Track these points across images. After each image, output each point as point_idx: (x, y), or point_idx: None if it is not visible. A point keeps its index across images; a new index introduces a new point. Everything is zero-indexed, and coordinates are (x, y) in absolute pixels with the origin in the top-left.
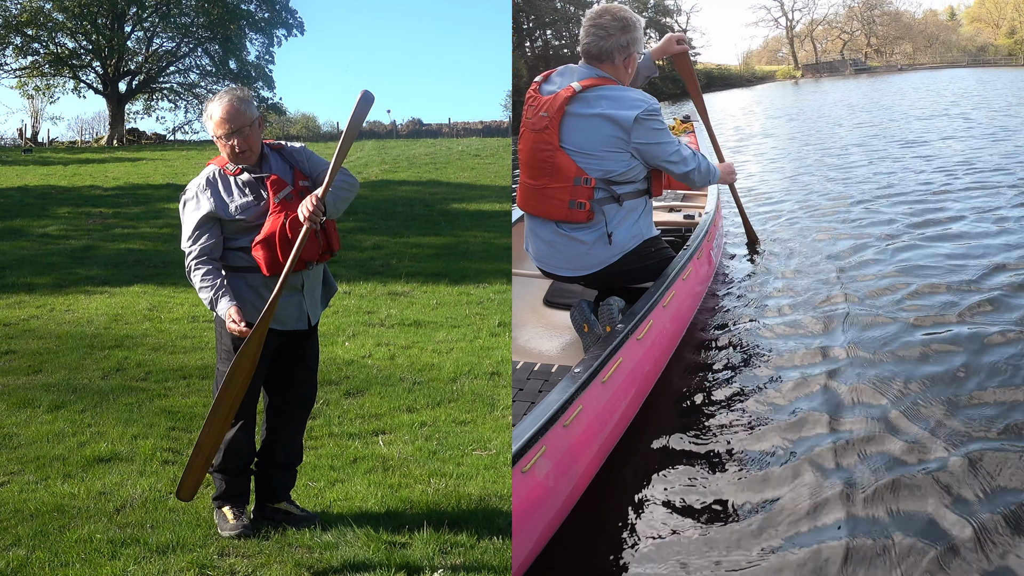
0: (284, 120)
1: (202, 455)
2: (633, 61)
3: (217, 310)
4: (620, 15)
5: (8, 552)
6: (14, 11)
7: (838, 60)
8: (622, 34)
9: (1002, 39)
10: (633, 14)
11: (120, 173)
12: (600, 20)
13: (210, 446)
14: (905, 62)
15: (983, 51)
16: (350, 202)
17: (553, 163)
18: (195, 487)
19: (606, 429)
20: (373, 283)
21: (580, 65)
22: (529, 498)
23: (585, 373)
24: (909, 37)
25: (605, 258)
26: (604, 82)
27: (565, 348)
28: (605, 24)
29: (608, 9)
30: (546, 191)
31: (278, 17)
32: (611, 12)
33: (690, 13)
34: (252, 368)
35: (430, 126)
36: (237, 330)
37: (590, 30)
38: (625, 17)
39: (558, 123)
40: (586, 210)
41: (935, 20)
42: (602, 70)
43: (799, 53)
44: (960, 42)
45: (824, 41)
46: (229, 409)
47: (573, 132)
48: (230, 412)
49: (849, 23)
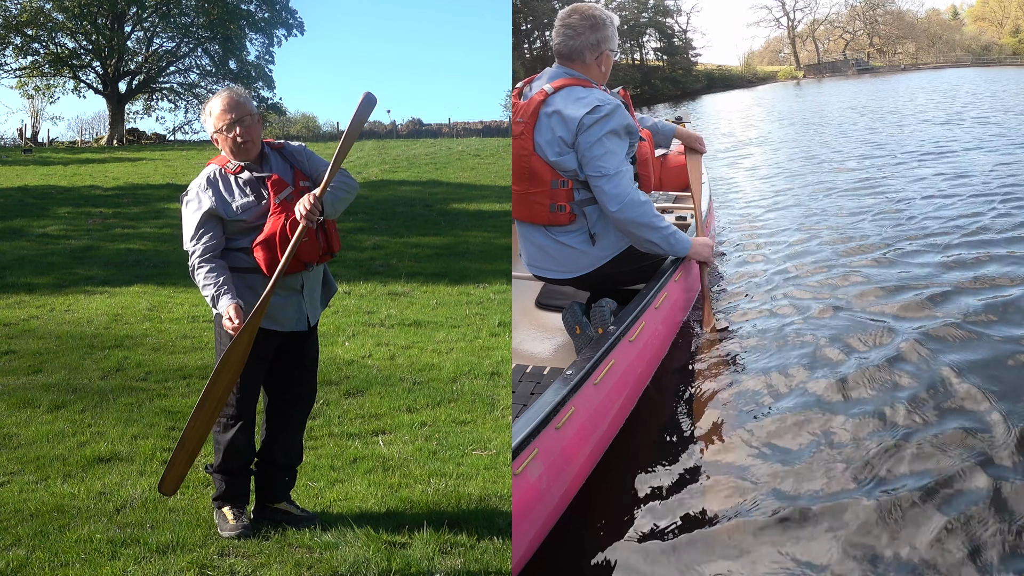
0: (284, 120)
1: (186, 449)
2: (606, 59)
3: (217, 307)
4: (589, 13)
5: (8, 552)
6: (14, 11)
7: (840, 60)
8: (591, 32)
9: (1006, 38)
10: (603, 12)
11: (120, 173)
12: (569, 20)
13: (195, 440)
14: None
15: (987, 50)
16: (348, 204)
17: (531, 168)
18: (178, 481)
19: (598, 431)
20: (373, 283)
21: (554, 67)
22: (523, 500)
23: (577, 375)
24: (912, 37)
25: (595, 260)
26: (575, 82)
27: (557, 350)
28: (574, 23)
29: (577, 8)
30: (528, 196)
31: (278, 17)
32: (579, 11)
33: (690, 13)
34: (241, 364)
35: (430, 126)
36: (231, 327)
37: (560, 30)
38: (594, 15)
39: (532, 128)
40: (567, 212)
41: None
42: (574, 70)
43: (801, 53)
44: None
45: (826, 41)
46: (216, 404)
47: (541, 134)
48: (217, 407)
49: (851, 23)
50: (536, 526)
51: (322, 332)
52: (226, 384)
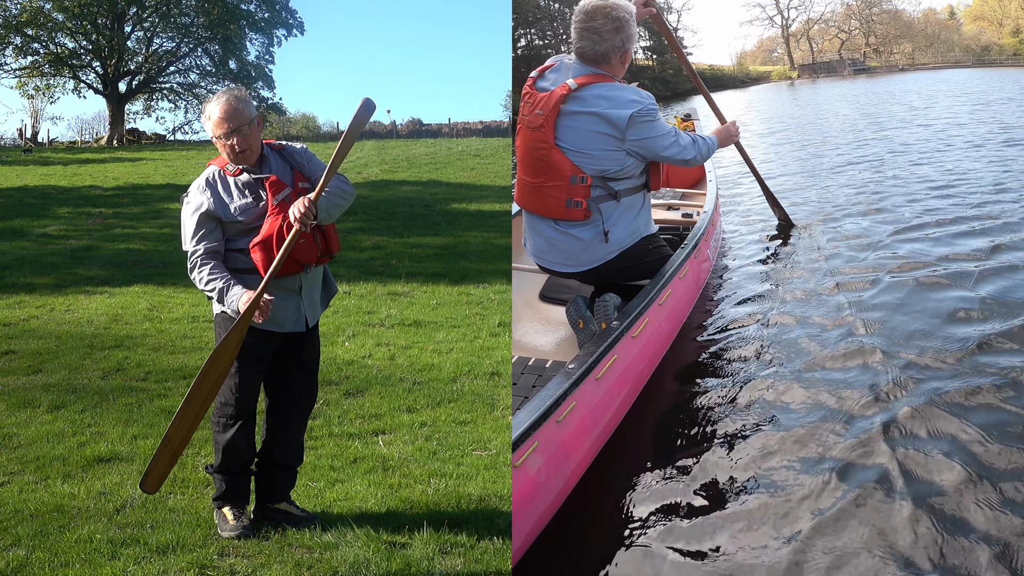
0: (284, 120)
1: (170, 447)
2: (629, 55)
3: (228, 296)
4: (613, 15)
5: (8, 552)
6: (14, 11)
7: (836, 60)
8: (616, 35)
9: (1007, 38)
10: (625, 8)
11: (120, 173)
12: (594, 23)
13: (179, 439)
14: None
15: (987, 51)
16: (344, 210)
17: (549, 161)
18: (160, 479)
19: (599, 426)
20: (373, 283)
21: (575, 62)
22: (522, 492)
23: (579, 369)
24: (909, 36)
25: (603, 255)
26: (600, 79)
27: (560, 344)
28: (599, 28)
29: (600, 9)
30: (543, 189)
31: (278, 17)
32: (603, 12)
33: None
34: (230, 363)
35: (430, 126)
36: (261, 304)
37: (584, 33)
38: (619, 17)
39: (553, 121)
40: (583, 208)
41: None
42: (597, 68)
43: (795, 53)
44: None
45: (821, 40)
46: (202, 403)
47: (568, 131)
48: (202, 407)
49: (846, 21)
50: (535, 519)
51: (322, 332)
52: (213, 383)
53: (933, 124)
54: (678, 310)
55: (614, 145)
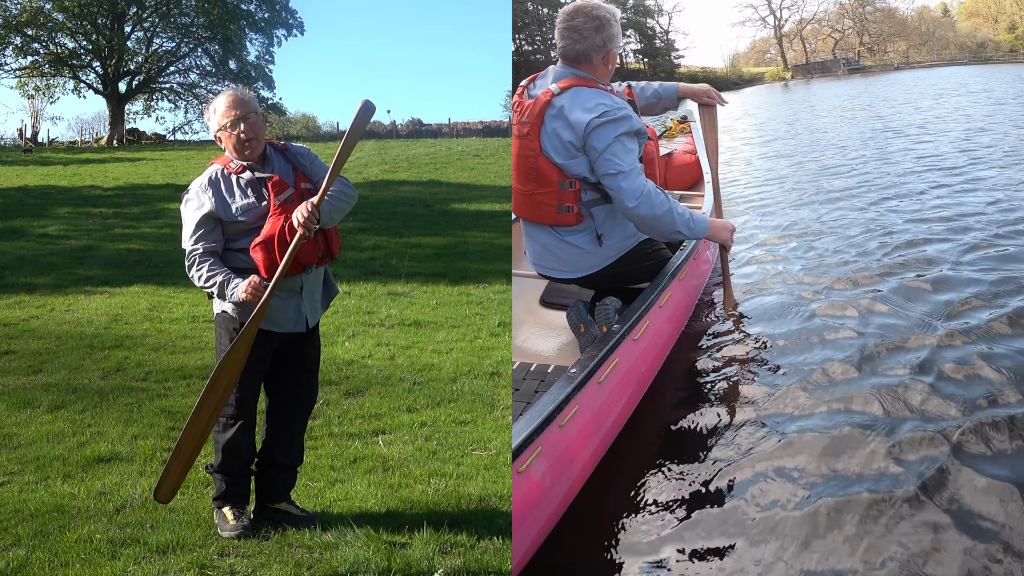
0: (284, 120)
1: (183, 456)
2: (612, 57)
3: (228, 288)
4: (593, 14)
5: (8, 552)
6: (14, 11)
7: (830, 60)
8: (597, 34)
9: (1003, 35)
10: (607, 9)
11: (120, 173)
12: (573, 22)
13: (191, 448)
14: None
15: (983, 48)
16: (346, 213)
17: (537, 169)
18: (174, 489)
19: (602, 429)
20: (373, 283)
21: (559, 65)
22: (526, 498)
23: (581, 374)
24: (903, 35)
25: (601, 260)
26: (581, 82)
27: (561, 348)
28: (579, 26)
29: (581, 9)
30: (535, 196)
31: (278, 17)
32: (584, 12)
33: (672, 13)
34: (238, 371)
35: (430, 126)
36: (253, 285)
37: (564, 32)
38: (599, 16)
39: (538, 128)
40: (574, 213)
41: (929, 16)
42: (580, 70)
43: (788, 53)
44: (958, 39)
45: (814, 40)
46: (212, 411)
47: (547, 136)
48: (213, 414)
49: (840, 21)
50: (538, 525)
51: (322, 332)
52: (223, 390)
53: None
54: (679, 312)
55: (575, 152)
